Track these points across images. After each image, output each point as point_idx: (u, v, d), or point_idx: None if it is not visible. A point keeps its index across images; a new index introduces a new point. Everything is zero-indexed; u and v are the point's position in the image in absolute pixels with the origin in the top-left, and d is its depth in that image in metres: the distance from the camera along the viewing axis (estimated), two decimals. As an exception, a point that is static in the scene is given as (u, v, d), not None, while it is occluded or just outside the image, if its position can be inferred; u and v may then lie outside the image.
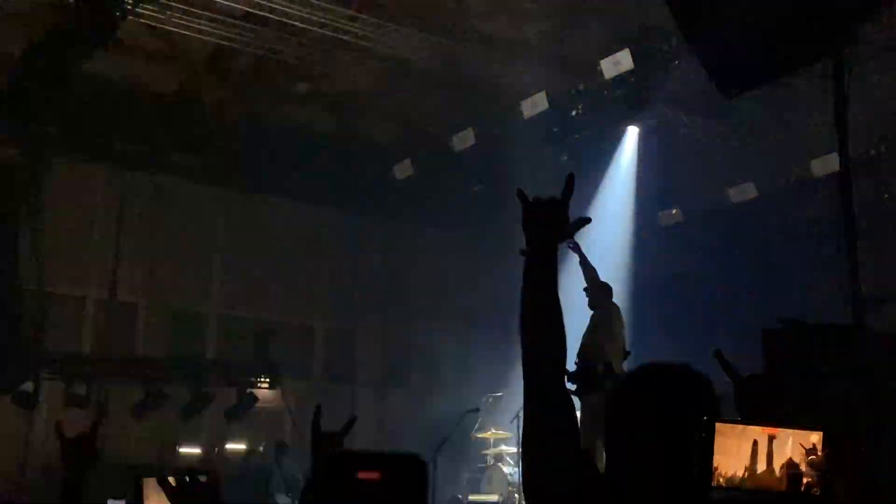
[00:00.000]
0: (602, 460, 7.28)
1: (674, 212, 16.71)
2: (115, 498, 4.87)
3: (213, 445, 14.93)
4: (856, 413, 5.09)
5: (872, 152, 13.19)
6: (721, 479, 1.30)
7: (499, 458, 14.19)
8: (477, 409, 13.13)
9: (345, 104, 17.60)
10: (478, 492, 14.05)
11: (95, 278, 17.53)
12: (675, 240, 16.44)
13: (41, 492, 12.52)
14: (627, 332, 10.13)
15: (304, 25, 13.88)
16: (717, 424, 1.31)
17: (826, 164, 13.11)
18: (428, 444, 11.97)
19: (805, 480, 1.31)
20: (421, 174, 16.93)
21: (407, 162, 16.95)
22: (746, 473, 1.30)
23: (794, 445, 1.31)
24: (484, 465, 14.45)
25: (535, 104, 14.35)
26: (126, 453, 14.71)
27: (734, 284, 14.80)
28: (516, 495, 13.35)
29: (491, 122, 15.31)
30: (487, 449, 14.47)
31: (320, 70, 15.51)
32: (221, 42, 14.55)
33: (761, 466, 1.30)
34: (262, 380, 17.43)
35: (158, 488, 2.61)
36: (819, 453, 1.29)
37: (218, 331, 18.83)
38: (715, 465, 1.29)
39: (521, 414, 2.48)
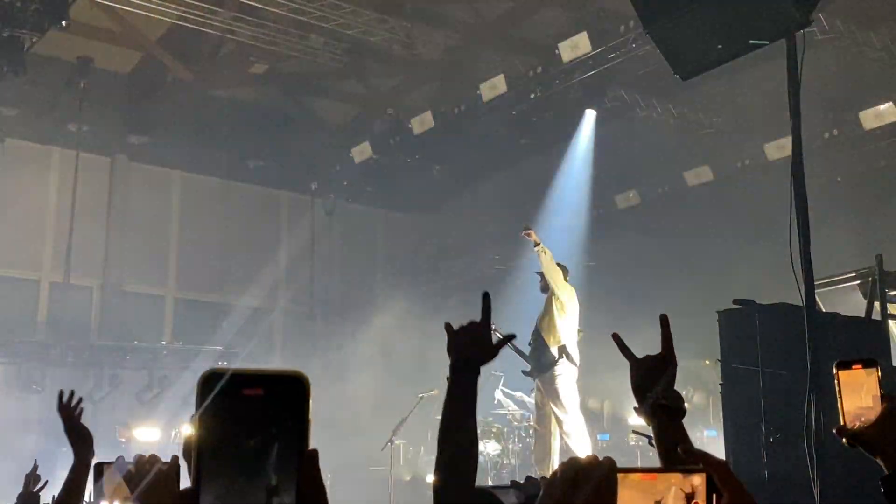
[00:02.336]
0: (555, 438, 7.33)
1: (630, 194, 16.84)
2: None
3: (170, 429, 14.82)
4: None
5: (826, 135, 13.37)
6: None
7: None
8: (433, 391, 13.13)
9: (302, 85, 17.50)
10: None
11: (49, 261, 17.33)
12: (631, 222, 16.58)
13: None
14: (581, 313, 10.20)
15: (261, 5, 13.77)
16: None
17: (780, 148, 13.27)
18: (387, 424, 12.00)
19: None
20: (380, 156, 16.88)
21: (366, 144, 16.89)
22: None
23: (675, 491, 1.28)
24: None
25: (493, 87, 14.35)
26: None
27: (689, 265, 14.96)
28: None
29: (450, 105, 15.29)
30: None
31: (277, 51, 15.39)
32: (177, 22, 14.39)
33: None
34: (220, 363, 17.34)
35: (117, 474, 2.58)
36: (699, 497, 1.27)
37: (174, 313, 18.70)
38: None
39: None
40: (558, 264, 10.27)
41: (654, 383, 2.27)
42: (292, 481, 1.10)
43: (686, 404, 2.32)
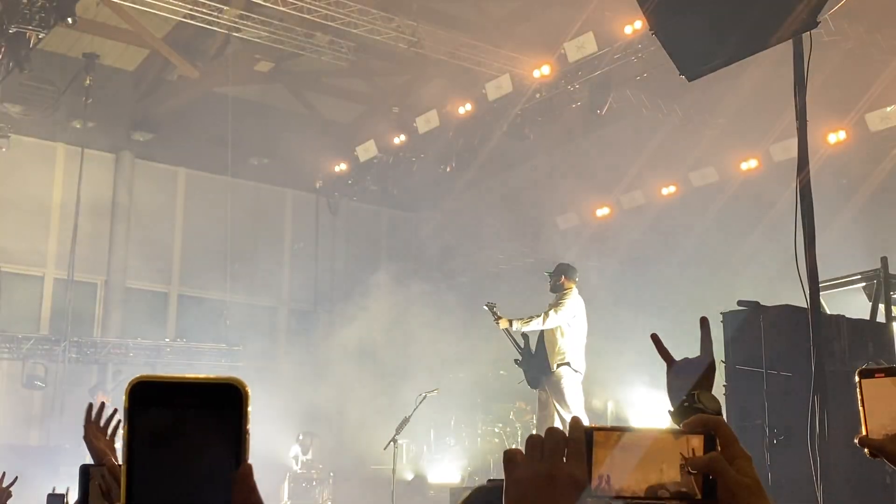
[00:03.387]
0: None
1: (635, 195, 16.80)
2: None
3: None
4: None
5: (832, 137, 13.33)
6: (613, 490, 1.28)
7: (460, 438, 14.26)
8: (435, 390, 13.16)
9: (307, 83, 17.50)
10: (438, 472, 14.12)
11: (54, 257, 17.35)
12: (636, 222, 16.54)
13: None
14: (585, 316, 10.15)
15: (267, 4, 13.77)
16: (596, 433, 1.29)
17: (785, 149, 13.23)
18: (389, 423, 11.99)
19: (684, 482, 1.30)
20: (384, 154, 16.88)
21: (371, 142, 16.89)
22: (626, 482, 1.29)
23: (675, 450, 1.30)
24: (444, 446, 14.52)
25: (499, 86, 14.34)
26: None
27: (694, 266, 14.93)
28: (476, 477, 13.43)
29: (455, 104, 15.28)
30: (448, 430, 14.53)
31: (283, 49, 15.39)
32: (183, 20, 14.40)
33: (647, 473, 1.29)
34: (224, 361, 17.38)
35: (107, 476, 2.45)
36: (698, 455, 1.29)
37: (178, 310, 18.72)
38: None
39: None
40: (564, 264, 10.26)
41: (691, 386, 2.24)
42: (227, 498, 1.04)
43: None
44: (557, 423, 9.78)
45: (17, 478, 4.20)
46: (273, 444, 14.52)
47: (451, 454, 14.18)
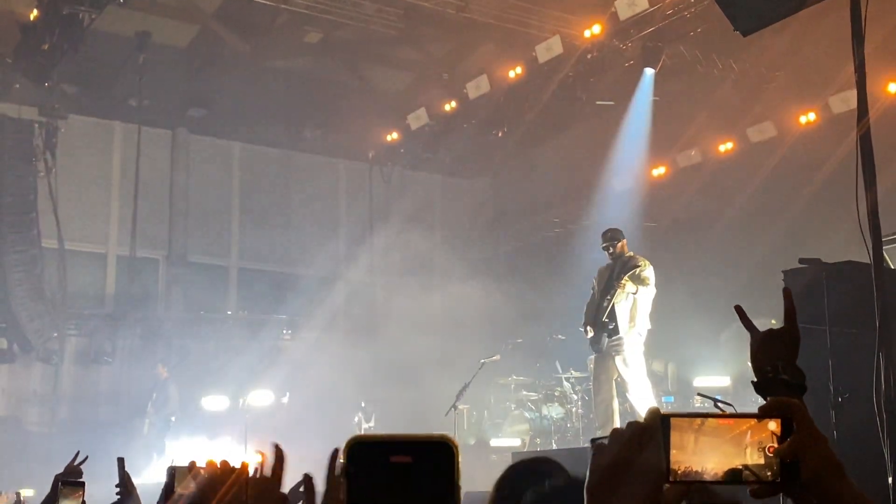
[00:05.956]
0: (615, 401, 7.32)
1: (692, 153, 16.56)
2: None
3: (238, 398, 15.09)
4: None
5: (892, 87, 13.01)
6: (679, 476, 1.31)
7: (520, 403, 14.27)
8: (495, 356, 13.15)
9: (357, 53, 17.48)
10: (499, 436, 14.17)
11: (115, 234, 17.65)
12: (693, 181, 16.33)
13: (68, 442, 12.72)
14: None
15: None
16: (673, 420, 1.32)
17: (844, 101, 12.95)
18: (450, 391, 12.06)
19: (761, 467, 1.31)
20: (436, 122, 16.84)
21: (422, 110, 16.85)
22: (704, 466, 1.31)
23: (752, 434, 1.31)
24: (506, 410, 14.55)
25: (549, 48, 14.19)
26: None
27: (754, 224, 14.72)
28: (537, 440, 13.45)
29: (505, 68, 15.17)
30: (508, 395, 14.55)
31: (331, 19, 15.38)
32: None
33: (719, 458, 1.31)
34: (285, 332, 17.58)
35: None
36: (775, 441, 1.30)
37: (238, 283, 18.94)
38: (674, 461, 1.30)
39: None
40: (618, 230, 10.20)
41: (775, 357, 2.22)
42: None
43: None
44: (613, 388, 9.79)
45: (87, 457, 4.33)
46: (337, 413, 14.69)
47: (511, 419, 14.21)
